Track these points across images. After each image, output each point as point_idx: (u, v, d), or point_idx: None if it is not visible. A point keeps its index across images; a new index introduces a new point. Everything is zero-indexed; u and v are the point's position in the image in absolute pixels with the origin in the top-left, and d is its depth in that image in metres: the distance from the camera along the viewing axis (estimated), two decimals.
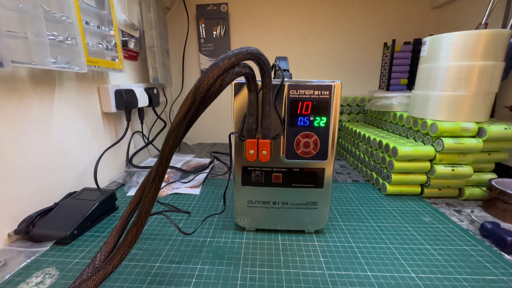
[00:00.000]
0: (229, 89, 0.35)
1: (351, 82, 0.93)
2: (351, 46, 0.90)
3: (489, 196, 0.48)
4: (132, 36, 0.65)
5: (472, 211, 0.49)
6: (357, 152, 0.70)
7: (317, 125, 0.36)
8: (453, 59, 0.49)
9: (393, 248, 0.38)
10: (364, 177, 0.65)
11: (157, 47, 0.70)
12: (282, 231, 0.42)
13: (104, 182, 0.58)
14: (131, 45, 0.65)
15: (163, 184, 0.56)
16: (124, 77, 0.66)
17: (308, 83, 0.35)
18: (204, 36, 0.90)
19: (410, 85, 0.76)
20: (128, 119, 0.61)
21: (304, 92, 0.35)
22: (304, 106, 0.35)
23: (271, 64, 0.34)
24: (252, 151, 0.35)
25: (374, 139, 0.60)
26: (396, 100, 0.65)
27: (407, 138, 0.59)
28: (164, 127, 0.81)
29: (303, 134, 0.36)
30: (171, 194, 0.55)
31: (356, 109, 0.86)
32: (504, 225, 0.44)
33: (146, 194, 0.28)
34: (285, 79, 0.37)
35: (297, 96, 0.35)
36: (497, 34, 0.46)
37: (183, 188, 0.57)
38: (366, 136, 0.64)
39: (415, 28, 0.87)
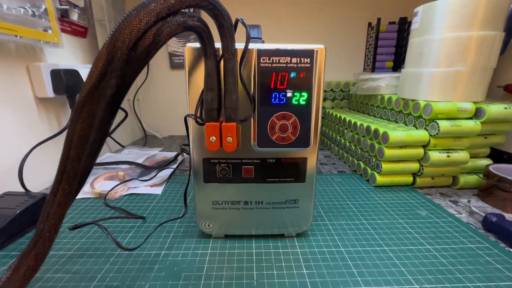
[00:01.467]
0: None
1: (334, 66, 0.86)
2: (333, 27, 0.83)
3: (487, 184, 0.43)
4: (75, 6, 0.53)
5: (469, 201, 0.44)
6: (343, 141, 0.64)
7: (296, 102, 0.28)
8: (448, 29, 0.43)
9: (389, 251, 0.31)
10: (350, 168, 0.59)
11: (110, 21, 0.58)
12: (257, 236, 0.34)
13: (41, 184, 0.48)
14: (74, 16, 0.53)
15: (116, 183, 0.47)
16: (67, 56, 0.54)
17: (283, 49, 0.27)
18: None
19: (396, 68, 0.71)
20: (73, 106, 0.51)
21: (279, 59, 0.27)
22: (280, 78, 0.27)
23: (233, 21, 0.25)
24: (213, 138, 0.27)
25: (361, 124, 0.54)
26: (383, 82, 0.59)
27: (397, 122, 0.53)
28: (125, 117, 0.71)
29: (278, 115, 0.28)
30: (126, 195, 0.45)
31: (340, 95, 0.80)
32: (507, 215, 0.39)
33: (45, 212, 0.19)
34: (255, 43, 0.29)
35: (270, 66, 0.27)
36: None
37: (141, 188, 0.47)
38: (352, 122, 0.58)
39: (401, 7, 0.81)
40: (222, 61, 0.25)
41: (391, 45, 0.74)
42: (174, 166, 0.56)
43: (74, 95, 0.50)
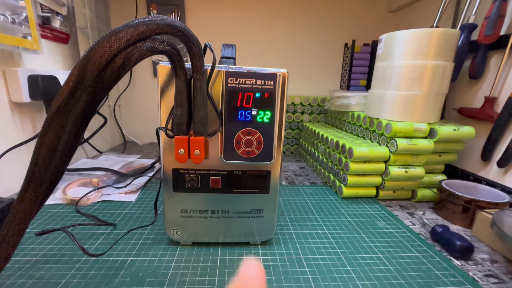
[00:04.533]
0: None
1: (313, 82, 0.91)
2: (313, 45, 0.88)
3: (440, 198, 0.48)
4: (58, 13, 0.54)
5: (424, 213, 0.48)
6: (316, 153, 0.67)
7: (260, 120, 0.31)
8: (407, 57, 0.47)
9: (344, 258, 0.34)
10: (322, 179, 0.63)
11: (92, 29, 0.60)
12: (224, 244, 0.36)
13: (12, 188, 0.47)
14: (56, 23, 0.54)
15: (89, 189, 0.47)
16: (46, 61, 0.55)
17: (248, 71, 0.29)
18: None
19: (369, 87, 0.76)
20: None
21: (245, 81, 0.29)
22: (245, 98, 0.30)
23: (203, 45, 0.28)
24: (182, 150, 0.29)
25: (332, 139, 0.57)
26: (354, 100, 0.63)
27: (364, 138, 0.57)
28: (104, 124, 0.71)
29: (244, 131, 0.31)
30: (99, 202, 0.46)
31: (317, 109, 0.84)
32: (453, 227, 0.43)
33: (10, 217, 0.20)
34: (225, 65, 0.31)
35: (237, 86, 0.30)
36: (448, 33, 0.45)
37: (115, 195, 0.48)
38: (325, 136, 0.62)
39: (374, 30, 0.87)
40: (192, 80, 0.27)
41: (364, 65, 0.80)
42: (151, 174, 0.57)
43: (51, 100, 0.51)
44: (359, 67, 0.81)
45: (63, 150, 0.22)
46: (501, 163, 0.48)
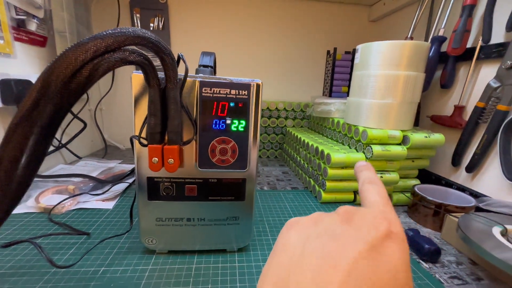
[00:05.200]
0: None
1: (297, 87, 0.93)
2: (297, 52, 0.90)
3: (413, 202, 0.49)
4: (34, 16, 0.53)
5: (398, 217, 0.49)
6: (298, 158, 0.69)
7: (235, 129, 0.31)
8: (381, 67, 0.49)
9: None
10: (303, 184, 0.64)
11: (71, 33, 0.58)
12: (200, 251, 0.36)
13: None
14: (32, 26, 0.53)
15: (64, 197, 0.46)
16: (21, 65, 0.53)
17: (222, 81, 0.30)
18: (140, 27, 0.81)
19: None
20: None
21: (219, 91, 0.30)
22: (220, 107, 0.30)
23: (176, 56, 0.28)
24: (155, 159, 0.29)
25: (312, 145, 0.59)
26: (334, 107, 0.65)
27: (343, 144, 0.59)
28: (83, 129, 0.69)
29: (219, 140, 0.31)
30: (74, 209, 0.45)
31: (300, 115, 0.85)
32: (425, 230, 0.45)
33: None
34: (200, 74, 0.32)
35: (211, 95, 0.30)
36: (419, 45, 0.47)
37: (92, 202, 0.47)
38: (306, 141, 0.63)
39: (355, 38, 0.90)
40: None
41: (346, 72, 0.82)
42: (131, 180, 0.56)
43: None
44: (341, 74, 0.83)
45: (28, 161, 0.21)
46: (469, 169, 0.50)
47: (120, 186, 0.53)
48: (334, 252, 0.12)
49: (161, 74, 0.27)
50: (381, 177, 0.50)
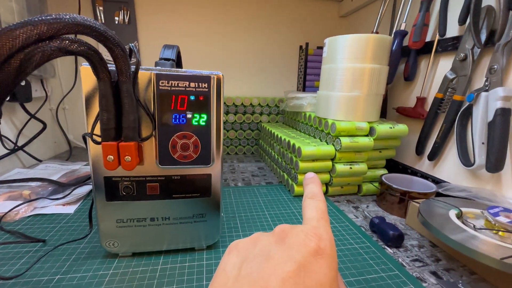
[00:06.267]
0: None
1: (271, 83, 0.92)
2: (271, 47, 0.90)
3: (380, 191, 0.51)
4: None
5: (367, 206, 0.51)
6: (273, 153, 0.69)
7: (196, 123, 0.30)
8: (347, 60, 0.50)
9: None
10: (278, 179, 0.64)
11: None
12: (167, 252, 0.35)
13: None
14: None
15: (18, 203, 0.42)
16: None
17: (181, 74, 0.29)
18: (104, 22, 0.76)
19: None
20: None
21: (178, 83, 0.29)
22: (179, 101, 0.29)
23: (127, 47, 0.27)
24: (111, 157, 0.27)
25: (285, 139, 0.59)
26: (305, 101, 0.65)
27: (315, 138, 0.60)
28: (43, 129, 0.64)
29: (179, 135, 0.30)
30: (29, 216, 0.41)
31: (275, 110, 0.86)
32: (391, 217, 0.47)
33: None
34: (158, 67, 0.30)
35: (169, 89, 0.29)
36: (381, 39, 0.49)
37: (51, 207, 0.44)
38: (279, 136, 0.63)
39: (326, 33, 0.92)
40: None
41: (318, 66, 0.83)
42: None
43: None
44: (313, 69, 0.85)
45: None
46: (430, 157, 0.53)
47: (84, 189, 0.50)
48: (266, 274, 0.13)
49: (112, 67, 0.25)
50: (350, 168, 0.52)
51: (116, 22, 0.77)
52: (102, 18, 0.76)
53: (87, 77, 0.27)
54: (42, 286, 0.28)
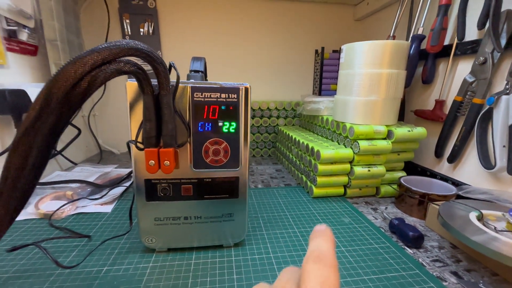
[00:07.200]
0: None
1: (287, 87, 0.95)
2: (286, 52, 0.92)
3: (399, 193, 0.52)
4: (25, 26, 0.54)
5: (386, 208, 0.52)
6: (291, 156, 0.71)
7: (226, 130, 0.33)
8: (365, 66, 0.52)
9: None
10: (296, 181, 0.66)
11: (62, 41, 0.59)
12: (198, 248, 0.38)
13: None
14: (23, 36, 0.54)
15: (63, 203, 0.47)
16: (14, 75, 0.54)
17: (213, 86, 0.32)
18: (130, 33, 0.82)
19: None
20: (18, 126, 0.50)
21: (210, 95, 0.32)
22: (211, 110, 0.32)
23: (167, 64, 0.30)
24: (152, 162, 0.31)
25: (303, 142, 0.61)
26: (322, 105, 0.67)
27: (332, 141, 0.61)
28: (78, 135, 0.70)
29: (211, 141, 0.33)
30: (73, 214, 0.46)
31: (291, 113, 0.88)
32: (411, 219, 0.48)
33: None
34: (192, 80, 0.33)
35: (203, 100, 0.32)
36: (399, 45, 0.50)
37: (91, 206, 0.48)
38: (297, 139, 0.65)
39: (342, 37, 0.93)
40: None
41: (334, 70, 0.84)
42: (127, 184, 0.58)
43: (19, 114, 0.50)
44: (329, 73, 0.86)
45: (32, 168, 0.23)
46: (450, 159, 0.53)
47: (118, 190, 0.54)
48: None
49: (154, 81, 0.29)
50: (369, 170, 0.53)
51: (141, 34, 0.82)
52: (129, 30, 0.81)
53: (132, 92, 0.31)
54: (93, 276, 0.32)
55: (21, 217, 0.44)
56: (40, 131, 0.21)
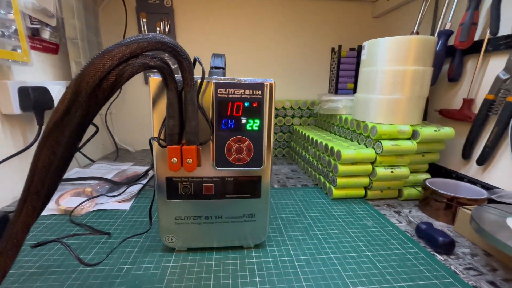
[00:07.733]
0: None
1: (302, 86, 0.93)
2: (301, 50, 0.90)
3: (424, 196, 0.50)
4: (47, 25, 0.54)
5: (410, 211, 0.50)
6: (307, 156, 0.69)
7: (250, 128, 0.32)
8: (388, 63, 0.50)
9: (334, 258, 0.35)
10: (313, 181, 0.64)
11: (82, 40, 0.60)
12: (218, 248, 0.37)
13: (5, 200, 0.47)
14: (46, 35, 0.54)
15: (83, 199, 0.47)
16: (36, 72, 0.55)
17: (237, 81, 0.31)
18: (146, 32, 0.82)
19: (356, 90, 0.78)
20: (40, 123, 0.51)
21: (234, 91, 0.31)
22: (235, 107, 0.31)
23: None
24: (175, 159, 0.30)
25: (321, 142, 0.59)
26: (341, 104, 0.65)
27: (352, 141, 0.59)
28: (96, 132, 0.71)
29: (234, 139, 0.32)
30: (93, 211, 0.46)
31: (307, 113, 0.86)
32: (437, 224, 0.46)
33: (8, 230, 0.21)
34: (214, 76, 0.33)
35: (226, 96, 0.31)
36: (425, 40, 0.48)
37: (109, 204, 0.48)
38: (315, 139, 0.63)
39: (359, 35, 0.90)
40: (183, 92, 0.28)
41: (351, 68, 0.82)
42: (144, 181, 0.58)
43: (42, 111, 0.51)
44: (346, 71, 0.84)
45: (58, 163, 0.23)
46: (479, 161, 0.50)
47: (135, 188, 0.54)
48: None
49: (177, 77, 0.28)
50: (392, 172, 0.51)
51: (158, 32, 0.83)
52: (145, 29, 0.82)
53: (155, 87, 0.30)
54: (114, 274, 0.31)
55: (43, 212, 0.45)
56: (68, 126, 0.21)
